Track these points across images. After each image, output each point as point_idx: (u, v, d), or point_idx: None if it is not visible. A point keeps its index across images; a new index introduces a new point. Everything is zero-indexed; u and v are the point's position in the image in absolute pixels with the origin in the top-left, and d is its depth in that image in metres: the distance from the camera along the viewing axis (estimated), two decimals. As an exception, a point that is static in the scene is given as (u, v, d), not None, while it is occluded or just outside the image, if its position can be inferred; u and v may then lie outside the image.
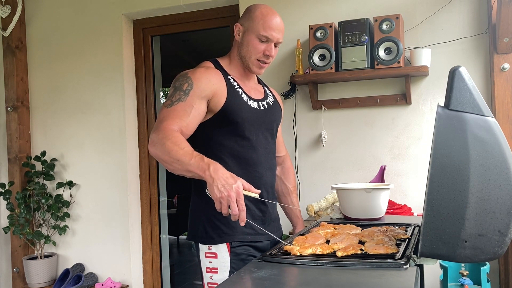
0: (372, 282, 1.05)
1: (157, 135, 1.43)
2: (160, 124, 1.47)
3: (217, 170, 1.33)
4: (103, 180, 3.50)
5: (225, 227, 1.58)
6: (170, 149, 1.38)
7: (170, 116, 1.49)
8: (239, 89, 1.65)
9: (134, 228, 3.51)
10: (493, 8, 2.56)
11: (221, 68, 1.67)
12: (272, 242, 1.67)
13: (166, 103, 1.55)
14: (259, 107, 1.69)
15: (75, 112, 3.58)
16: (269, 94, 1.81)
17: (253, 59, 1.64)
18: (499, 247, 1.07)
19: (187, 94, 1.53)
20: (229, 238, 1.58)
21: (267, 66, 1.68)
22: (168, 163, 1.40)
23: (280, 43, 1.68)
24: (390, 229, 1.46)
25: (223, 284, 1.08)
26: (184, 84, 1.56)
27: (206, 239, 1.59)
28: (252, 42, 1.62)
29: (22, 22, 3.63)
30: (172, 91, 1.57)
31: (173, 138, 1.41)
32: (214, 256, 1.58)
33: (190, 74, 1.58)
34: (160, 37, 3.73)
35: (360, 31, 2.67)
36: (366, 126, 2.88)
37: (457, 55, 2.69)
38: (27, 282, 3.46)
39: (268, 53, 1.63)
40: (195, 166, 1.35)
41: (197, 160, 1.35)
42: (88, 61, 3.53)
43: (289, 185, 1.97)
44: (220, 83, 1.60)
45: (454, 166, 1.07)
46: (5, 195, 3.45)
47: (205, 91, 1.55)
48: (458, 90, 1.08)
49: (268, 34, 1.61)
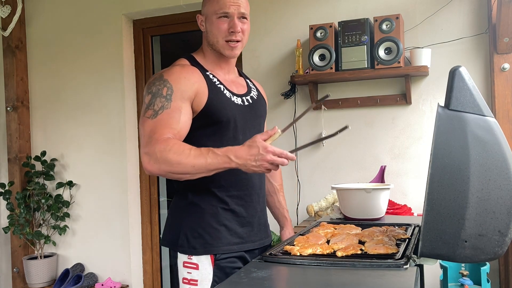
0: (372, 282, 1.05)
1: (153, 151, 1.33)
2: (151, 139, 1.36)
3: (238, 154, 1.29)
4: (103, 180, 3.50)
5: (209, 237, 1.46)
6: (178, 161, 1.31)
7: (158, 127, 1.38)
8: (220, 85, 1.53)
9: (134, 228, 3.51)
10: (493, 8, 2.56)
11: (198, 64, 1.56)
12: (260, 250, 1.57)
13: (148, 113, 1.41)
14: (243, 102, 1.57)
15: (75, 112, 3.57)
16: (252, 87, 1.70)
17: (221, 42, 1.52)
18: (499, 247, 1.07)
19: (169, 99, 1.41)
20: (213, 250, 1.46)
21: (239, 45, 1.54)
22: (181, 174, 1.33)
23: (246, 16, 1.54)
24: (390, 229, 1.46)
25: (223, 284, 1.08)
26: (162, 88, 1.43)
27: (186, 249, 1.46)
28: (215, 24, 1.51)
29: (22, 22, 3.63)
30: (150, 98, 1.43)
31: (173, 148, 1.32)
32: (194, 267, 1.46)
33: (166, 76, 1.46)
34: (160, 37, 3.73)
35: (360, 31, 2.67)
36: (366, 126, 2.88)
37: (457, 55, 2.69)
38: (27, 282, 3.46)
39: (233, 29, 1.50)
40: (216, 164, 1.30)
41: (212, 157, 1.30)
42: (88, 61, 3.53)
43: (275, 183, 1.84)
44: (199, 81, 1.48)
45: (454, 166, 1.07)
46: (5, 195, 3.44)
47: (186, 92, 1.44)
48: (458, 90, 1.08)
49: (225, 8, 1.49)
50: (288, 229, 1.83)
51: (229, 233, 1.49)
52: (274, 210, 1.84)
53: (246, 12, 1.54)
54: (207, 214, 1.48)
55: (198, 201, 1.49)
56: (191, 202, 1.50)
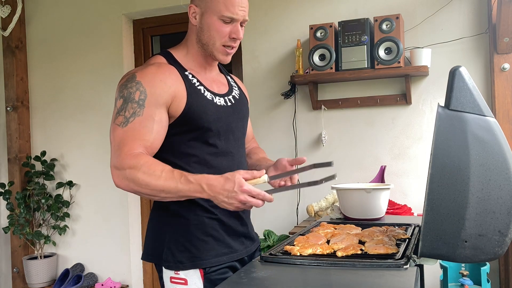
0: (372, 282, 1.05)
1: (122, 167, 1.23)
2: (120, 151, 1.25)
3: (211, 185, 1.19)
4: (103, 180, 3.49)
5: (196, 250, 1.35)
6: (146, 182, 1.21)
7: (129, 137, 1.26)
8: (200, 86, 1.39)
9: (134, 228, 3.51)
10: (493, 8, 2.56)
11: (176, 63, 1.40)
12: (249, 257, 1.48)
13: (118, 120, 1.28)
14: (226, 103, 1.44)
15: (75, 112, 3.58)
16: (233, 85, 1.56)
17: (218, 45, 1.37)
18: (499, 247, 1.07)
19: (142, 105, 1.27)
20: (202, 264, 1.34)
21: (234, 51, 1.42)
22: (151, 195, 1.24)
23: (247, 22, 1.41)
24: (390, 229, 1.45)
25: (223, 284, 1.08)
26: (134, 92, 1.28)
27: (172, 264, 1.35)
28: (215, 25, 1.35)
29: (22, 22, 3.63)
30: (121, 103, 1.29)
31: (143, 167, 1.21)
32: (183, 282, 1.35)
33: (139, 78, 1.30)
34: (160, 37, 3.73)
35: (360, 31, 2.67)
36: (366, 126, 2.88)
37: (457, 55, 2.69)
38: (27, 282, 3.46)
39: (236, 35, 1.37)
40: (187, 191, 1.21)
41: (184, 183, 1.20)
42: (88, 61, 3.53)
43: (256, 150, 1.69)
44: (177, 83, 1.34)
45: (454, 166, 1.07)
46: (5, 195, 3.44)
47: (162, 97, 1.30)
48: (458, 90, 1.08)
49: (232, 13, 1.33)
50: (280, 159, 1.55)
51: (217, 244, 1.38)
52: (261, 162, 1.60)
53: (248, 18, 1.42)
54: (192, 225, 1.36)
55: (182, 212, 1.37)
56: (175, 213, 1.38)
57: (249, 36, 3.12)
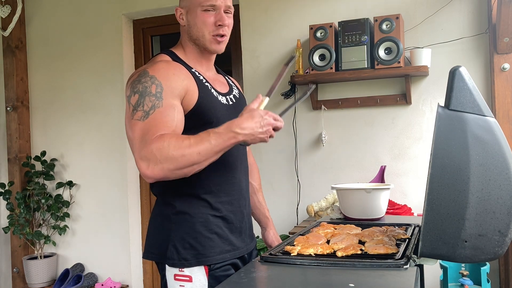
0: (372, 282, 1.05)
1: (150, 153, 1.20)
2: (144, 141, 1.23)
3: (243, 126, 1.22)
4: (103, 180, 3.50)
5: (201, 247, 1.36)
6: (181, 154, 1.20)
7: (151, 127, 1.24)
8: (207, 83, 1.43)
9: (134, 228, 3.51)
10: (493, 8, 2.56)
11: (180, 61, 1.43)
12: (249, 255, 1.51)
13: (138, 115, 1.27)
14: (228, 102, 1.48)
15: (75, 112, 3.58)
16: (232, 85, 1.60)
17: (207, 36, 1.41)
18: (499, 247, 1.07)
19: (160, 97, 1.28)
20: (207, 260, 1.36)
21: (225, 39, 1.44)
22: (188, 166, 1.22)
23: (231, 10, 1.45)
24: (390, 229, 1.45)
25: (223, 284, 1.08)
26: (150, 86, 1.29)
27: (177, 261, 1.35)
28: (200, 18, 1.40)
29: (22, 22, 3.63)
30: (137, 98, 1.28)
31: (171, 142, 1.21)
32: (187, 279, 1.35)
33: (152, 72, 1.32)
34: (160, 37, 3.73)
35: (360, 31, 2.67)
36: (366, 126, 2.88)
37: (457, 55, 2.69)
38: (27, 282, 3.46)
39: (221, 22, 1.40)
40: (222, 143, 1.22)
41: (215, 137, 1.21)
42: (88, 61, 3.53)
43: (254, 183, 1.72)
44: (188, 78, 1.37)
45: (454, 166, 1.07)
46: (5, 195, 3.45)
47: (177, 89, 1.32)
48: (458, 90, 1.08)
49: (212, 0, 1.39)
50: (272, 229, 1.73)
51: (222, 241, 1.40)
52: (255, 210, 1.72)
53: (231, 5, 1.45)
54: (198, 222, 1.37)
55: (187, 209, 1.38)
56: (179, 210, 1.39)
57: (249, 36, 3.12)
